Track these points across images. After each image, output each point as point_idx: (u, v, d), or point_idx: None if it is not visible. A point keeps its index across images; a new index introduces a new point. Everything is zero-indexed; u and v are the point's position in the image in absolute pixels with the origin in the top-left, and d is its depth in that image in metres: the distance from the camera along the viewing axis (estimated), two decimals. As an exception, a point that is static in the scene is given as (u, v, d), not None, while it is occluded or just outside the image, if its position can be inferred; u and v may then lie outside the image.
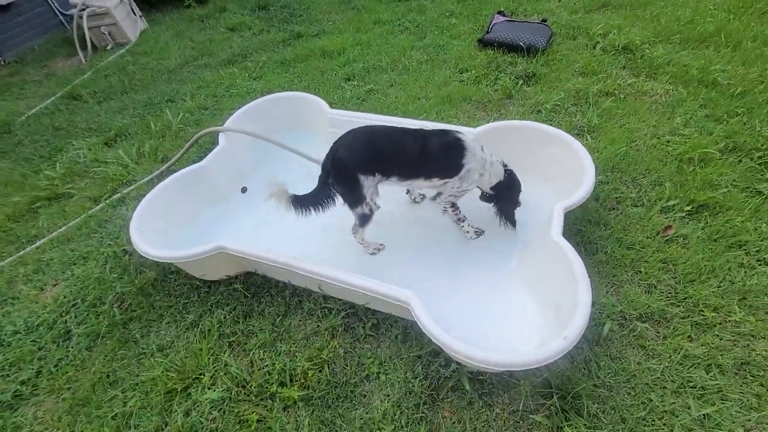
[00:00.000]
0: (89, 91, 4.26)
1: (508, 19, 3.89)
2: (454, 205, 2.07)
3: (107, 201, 2.69)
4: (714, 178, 2.24)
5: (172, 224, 2.19)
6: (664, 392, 1.56)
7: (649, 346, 1.69)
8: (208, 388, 1.73)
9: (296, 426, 1.61)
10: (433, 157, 1.84)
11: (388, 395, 1.65)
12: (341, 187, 1.88)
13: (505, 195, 2.00)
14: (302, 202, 1.89)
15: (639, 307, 1.79)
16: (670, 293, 1.84)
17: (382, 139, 1.86)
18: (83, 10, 4.84)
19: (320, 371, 1.73)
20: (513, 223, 2.03)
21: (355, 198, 1.89)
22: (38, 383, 1.88)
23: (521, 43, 3.44)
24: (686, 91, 2.85)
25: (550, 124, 2.32)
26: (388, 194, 2.15)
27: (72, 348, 1.97)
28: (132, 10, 5.21)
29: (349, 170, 1.81)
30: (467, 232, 2.14)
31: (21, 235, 2.64)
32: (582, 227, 2.11)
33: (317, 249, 2.19)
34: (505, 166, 1.96)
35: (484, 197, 2.09)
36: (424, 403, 1.61)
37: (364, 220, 1.97)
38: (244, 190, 2.53)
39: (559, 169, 2.17)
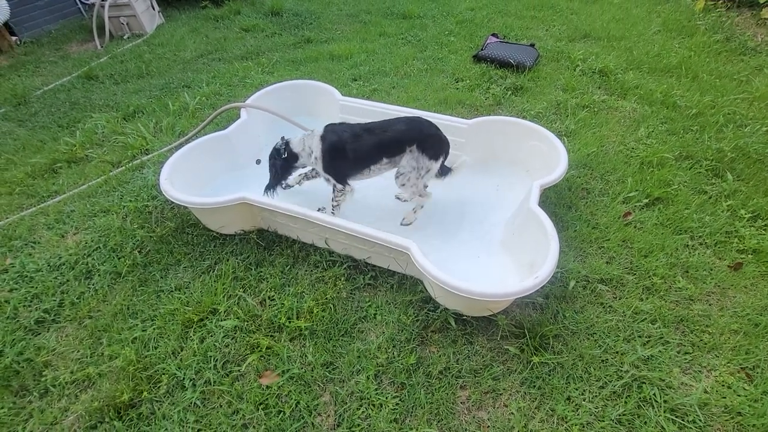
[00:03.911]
0: (106, 73, 4.48)
1: (500, 40, 4.34)
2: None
3: (128, 165, 2.90)
4: (669, 178, 2.61)
5: (192, 186, 2.41)
6: (617, 338, 1.84)
7: (606, 303, 1.99)
8: (223, 320, 1.93)
9: (302, 353, 1.82)
10: None
11: (383, 332, 1.89)
12: None
13: None
14: None
15: (600, 273, 2.10)
16: (626, 264, 2.16)
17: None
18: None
19: (324, 310, 1.96)
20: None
21: None
22: (60, 312, 2.04)
23: (511, 61, 3.87)
24: (650, 110, 3.28)
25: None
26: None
27: (94, 284, 2.15)
28: (151, 4, 5.51)
29: None
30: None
31: (41, 191, 2.81)
32: (556, 210, 2.43)
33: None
34: None
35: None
36: (414, 339, 1.86)
37: None
38: (258, 162, 2.78)
39: (539, 162, 2.50)
